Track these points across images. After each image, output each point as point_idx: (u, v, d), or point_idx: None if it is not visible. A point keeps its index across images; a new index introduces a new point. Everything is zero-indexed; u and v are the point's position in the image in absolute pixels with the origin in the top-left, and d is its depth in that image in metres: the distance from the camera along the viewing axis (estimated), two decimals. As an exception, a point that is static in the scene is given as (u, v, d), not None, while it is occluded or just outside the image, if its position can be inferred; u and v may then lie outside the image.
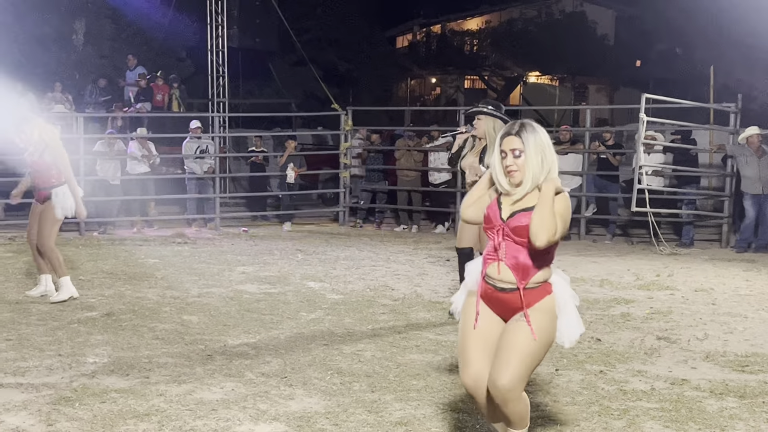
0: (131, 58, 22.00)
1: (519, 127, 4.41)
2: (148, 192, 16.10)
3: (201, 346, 7.20)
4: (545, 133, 4.46)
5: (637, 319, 8.60)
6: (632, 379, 6.42)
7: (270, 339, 7.56)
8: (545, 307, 4.40)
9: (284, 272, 11.22)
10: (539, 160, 4.37)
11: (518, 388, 4.35)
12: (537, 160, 4.37)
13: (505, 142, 4.41)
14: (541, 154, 4.37)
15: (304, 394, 5.92)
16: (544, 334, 4.40)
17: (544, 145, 4.40)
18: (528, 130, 4.41)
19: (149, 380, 6.17)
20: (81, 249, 12.98)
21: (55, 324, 7.93)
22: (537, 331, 4.35)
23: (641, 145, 13.85)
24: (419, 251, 13.37)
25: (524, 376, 4.38)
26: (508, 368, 4.32)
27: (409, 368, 6.61)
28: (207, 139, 17.05)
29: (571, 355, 7.05)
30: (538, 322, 4.37)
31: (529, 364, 4.37)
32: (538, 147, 4.38)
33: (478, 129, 8.05)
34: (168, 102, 21.02)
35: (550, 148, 4.43)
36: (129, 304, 8.95)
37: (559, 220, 4.31)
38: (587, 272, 11.46)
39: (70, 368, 6.46)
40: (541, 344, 4.38)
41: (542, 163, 4.37)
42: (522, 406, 4.42)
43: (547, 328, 4.41)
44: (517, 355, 4.34)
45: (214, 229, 15.94)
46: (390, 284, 10.44)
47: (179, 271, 11.10)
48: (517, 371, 4.32)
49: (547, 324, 4.40)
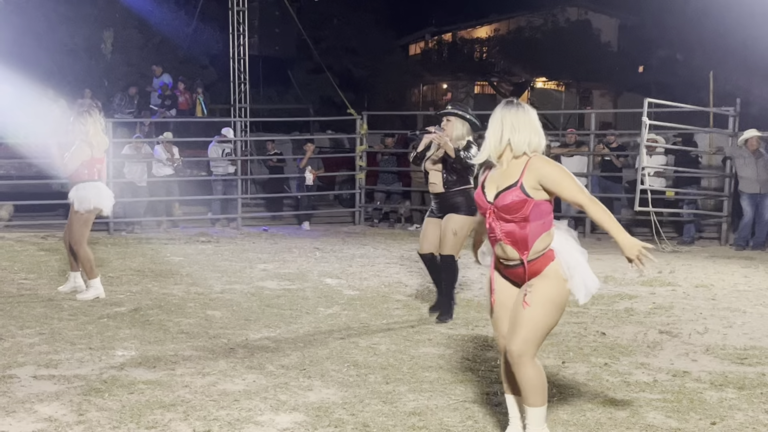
0: (156, 68, 22.03)
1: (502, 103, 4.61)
2: (174, 193, 16.14)
3: (224, 340, 7.21)
4: (523, 112, 4.52)
5: (641, 314, 8.57)
6: (636, 372, 6.39)
7: (289, 333, 7.57)
8: (550, 273, 4.48)
9: (303, 269, 11.22)
10: (496, 134, 4.49)
11: (528, 352, 4.44)
12: (492, 133, 4.51)
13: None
14: (500, 128, 4.49)
15: (322, 385, 5.92)
16: (552, 298, 4.46)
17: (504, 120, 4.49)
18: (502, 105, 4.59)
19: (175, 372, 6.18)
20: (110, 248, 13.02)
21: (86, 319, 7.96)
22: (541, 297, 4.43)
23: (644, 147, 13.81)
24: (431, 249, 13.36)
25: (533, 340, 4.45)
26: (517, 335, 4.45)
27: (422, 361, 6.61)
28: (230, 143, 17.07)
29: (577, 348, 7.03)
30: (544, 289, 4.45)
31: (537, 329, 4.44)
32: (497, 121, 4.51)
33: (448, 130, 7.83)
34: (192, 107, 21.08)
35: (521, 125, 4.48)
36: (155, 300, 8.97)
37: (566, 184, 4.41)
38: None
39: (99, 361, 6.48)
40: (548, 309, 4.45)
41: (501, 137, 4.48)
42: (533, 375, 4.46)
43: (553, 292, 4.46)
44: (524, 322, 4.44)
45: (236, 228, 15.96)
46: (403, 281, 10.44)
47: (203, 269, 11.13)
48: (524, 336, 4.43)
49: (553, 289, 4.46)
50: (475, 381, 6.06)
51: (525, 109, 4.54)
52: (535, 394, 4.47)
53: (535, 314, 4.42)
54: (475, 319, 8.19)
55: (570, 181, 4.43)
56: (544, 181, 4.41)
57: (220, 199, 16.61)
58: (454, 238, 7.85)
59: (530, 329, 4.42)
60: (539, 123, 4.56)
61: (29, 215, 16.02)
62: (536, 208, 4.44)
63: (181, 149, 16.45)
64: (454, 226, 7.84)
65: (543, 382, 4.48)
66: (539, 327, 4.44)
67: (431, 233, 8.03)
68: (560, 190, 4.43)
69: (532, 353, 4.45)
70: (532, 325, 4.42)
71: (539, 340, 4.47)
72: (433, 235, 8.02)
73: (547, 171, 4.42)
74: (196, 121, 20.04)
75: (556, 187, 4.42)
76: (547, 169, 4.42)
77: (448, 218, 7.88)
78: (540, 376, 4.47)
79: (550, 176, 4.41)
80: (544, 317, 4.44)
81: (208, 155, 16.75)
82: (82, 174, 8.97)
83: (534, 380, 4.45)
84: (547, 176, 4.41)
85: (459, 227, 7.85)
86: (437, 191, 7.95)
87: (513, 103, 4.58)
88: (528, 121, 4.49)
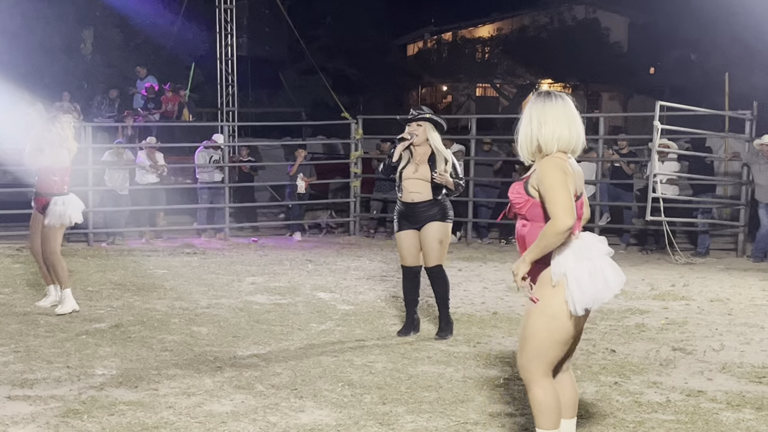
0: (140, 69, 22.05)
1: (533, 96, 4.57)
2: (158, 202, 16.13)
3: (210, 358, 7.21)
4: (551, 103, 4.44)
5: (652, 330, 8.57)
6: (647, 391, 6.39)
7: (280, 350, 7.56)
8: (543, 280, 4.39)
9: (294, 283, 11.22)
10: (525, 133, 4.45)
11: (530, 368, 4.40)
12: (522, 132, 4.47)
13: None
14: (528, 125, 4.45)
15: (315, 406, 5.92)
16: (542, 309, 4.36)
17: (532, 115, 4.45)
18: (533, 99, 4.53)
19: (158, 392, 6.17)
20: (89, 260, 13.01)
21: (63, 336, 7.95)
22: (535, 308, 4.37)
23: (655, 153, 13.83)
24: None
25: (534, 355, 4.39)
26: (520, 349, 4.46)
27: (420, 380, 6.61)
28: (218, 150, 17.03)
29: (585, 366, 7.03)
30: (540, 299, 4.38)
31: (536, 344, 4.38)
32: (526, 118, 4.47)
33: (420, 136, 7.89)
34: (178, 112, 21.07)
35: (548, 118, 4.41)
36: (138, 315, 8.96)
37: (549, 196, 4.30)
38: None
39: (78, 380, 6.47)
40: (542, 321, 4.36)
41: (530, 136, 4.43)
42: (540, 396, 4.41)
43: (545, 303, 4.37)
44: (524, 335, 4.43)
45: (223, 239, 15.96)
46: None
47: (188, 282, 11.12)
48: (525, 351, 4.42)
49: (544, 299, 4.37)
50: (477, 401, 6.05)
51: (555, 100, 4.43)
52: (542, 416, 4.45)
53: (532, 327, 4.40)
54: (477, 335, 8.19)
55: (555, 195, 4.27)
56: (539, 185, 4.36)
57: (207, 208, 16.59)
58: (440, 247, 7.89)
59: (531, 342, 4.40)
60: (575, 114, 4.44)
61: (3, 226, 15.99)
62: (534, 208, 4.42)
63: (165, 155, 16.45)
64: (439, 234, 7.87)
65: (551, 404, 4.43)
66: (538, 341, 4.38)
67: (412, 245, 8.00)
68: (544, 200, 4.33)
69: (538, 370, 4.40)
70: (530, 339, 4.40)
71: (543, 356, 4.40)
72: (415, 248, 8.02)
73: (542, 174, 4.34)
74: (181, 126, 20.04)
75: (543, 196, 4.34)
76: (541, 174, 4.35)
77: (429, 228, 7.88)
78: (548, 398, 4.42)
79: (543, 181, 4.33)
80: (539, 330, 4.37)
81: (195, 162, 16.74)
82: (60, 185, 9.00)
83: (541, 401, 4.42)
84: (541, 180, 4.34)
85: (444, 235, 7.92)
86: (418, 200, 7.91)
87: (543, 94, 4.49)
88: (557, 113, 4.40)
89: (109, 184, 15.65)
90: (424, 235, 7.91)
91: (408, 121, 8.02)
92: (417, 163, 7.95)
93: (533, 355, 4.39)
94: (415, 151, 7.98)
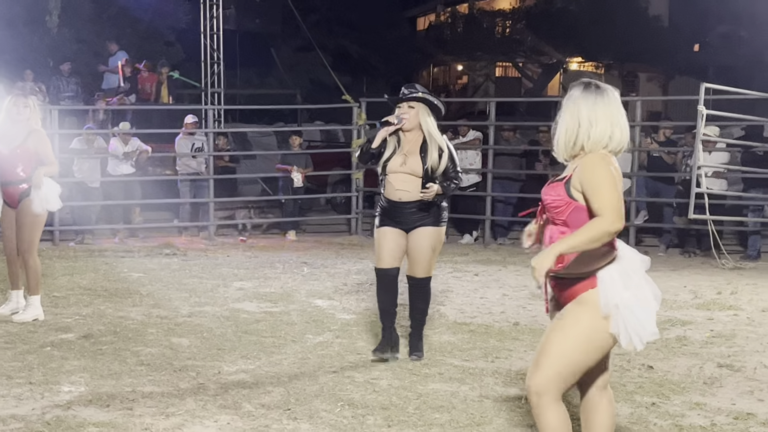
0: (111, 44, 22.02)
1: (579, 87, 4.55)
2: (133, 196, 16.13)
3: (192, 373, 7.21)
4: (603, 99, 4.46)
5: (695, 344, 8.56)
6: (689, 413, 6.39)
7: (271, 365, 7.57)
8: (588, 300, 4.41)
9: (288, 288, 11.23)
10: (571, 130, 4.45)
11: (550, 391, 4.39)
12: (565, 129, 4.47)
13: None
14: (575, 123, 4.44)
15: (311, 428, 5.92)
16: (585, 331, 4.39)
17: (581, 111, 4.44)
18: (579, 90, 4.52)
19: (133, 412, 6.18)
20: (55, 261, 13.02)
21: (25, 347, 7.96)
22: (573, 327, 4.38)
23: (700, 142, 13.80)
24: (443, 264, 13.34)
25: (558, 377, 4.40)
26: (540, 368, 4.43)
27: (431, 399, 6.61)
28: (201, 136, 17.01)
29: (619, 384, 7.02)
30: (578, 317, 4.39)
31: (563, 365, 4.39)
32: (572, 113, 4.46)
33: (411, 120, 7.46)
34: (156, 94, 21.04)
35: (597, 118, 4.43)
36: (110, 324, 8.97)
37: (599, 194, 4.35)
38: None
39: (42, 398, 6.48)
40: (579, 343, 4.39)
41: (576, 136, 4.43)
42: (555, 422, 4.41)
43: (588, 325, 4.39)
44: (549, 352, 4.41)
45: (207, 238, 15.97)
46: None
47: (167, 287, 11.13)
48: (547, 371, 4.40)
49: (588, 320, 4.39)
50: (495, 424, 6.06)
51: (607, 95, 4.48)
52: None
53: (564, 346, 4.39)
54: (495, 349, 8.19)
55: (605, 193, 4.33)
56: (583, 182, 4.38)
57: (189, 203, 16.59)
58: (432, 255, 7.59)
59: (555, 363, 4.39)
60: (623, 111, 4.51)
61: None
62: (577, 213, 4.42)
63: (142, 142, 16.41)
64: (432, 241, 7.53)
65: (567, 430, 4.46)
66: (567, 362, 4.39)
67: (394, 244, 7.59)
68: (590, 197, 4.37)
69: (556, 394, 4.41)
70: (558, 358, 4.39)
71: (566, 378, 4.42)
72: (398, 248, 7.62)
73: (589, 171, 4.37)
74: (159, 110, 20.02)
75: (588, 194, 4.38)
76: (588, 173, 4.37)
77: (420, 232, 7.50)
78: (564, 425, 4.45)
79: (591, 179, 4.37)
80: (574, 352, 4.40)
81: (176, 150, 16.74)
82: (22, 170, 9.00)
83: (556, 427, 4.43)
84: (588, 178, 4.37)
85: (438, 241, 7.60)
86: (407, 199, 7.47)
87: (592, 87, 4.50)
88: (609, 111, 4.45)
89: (78, 176, 15.64)
90: (414, 241, 7.54)
91: (397, 101, 7.59)
92: (406, 153, 7.50)
93: (556, 377, 4.39)
94: (404, 138, 7.55)
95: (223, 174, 17.19)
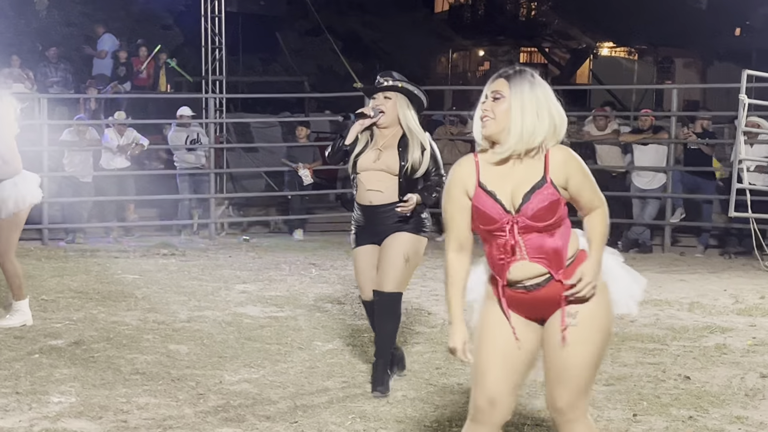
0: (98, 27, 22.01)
1: (512, 72, 4.44)
2: (128, 192, 16.15)
3: (191, 383, 7.23)
4: (547, 88, 4.46)
5: (736, 352, 8.54)
6: (730, 427, 6.38)
7: (276, 374, 7.57)
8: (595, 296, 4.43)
9: (294, 292, 11.24)
10: (529, 117, 4.35)
11: (579, 407, 4.40)
12: (526, 116, 4.35)
13: (490, 85, 4.45)
14: (535, 110, 4.36)
15: (319, 443, 5.93)
16: (600, 323, 4.41)
17: (540, 100, 4.38)
18: (521, 77, 4.41)
19: (127, 425, 6.19)
20: (44, 262, 13.06)
21: (11, 355, 7.98)
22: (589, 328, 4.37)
23: (741, 134, 13.75)
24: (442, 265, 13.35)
25: (585, 389, 4.43)
26: (566, 386, 4.41)
27: (449, 412, 6.61)
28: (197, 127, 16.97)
29: (653, 396, 7.02)
30: (590, 313, 4.38)
31: (590, 375, 4.42)
32: (531, 100, 4.37)
33: (388, 113, 7.04)
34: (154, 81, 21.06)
35: (551, 106, 4.43)
36: (102, 330, 8.99)
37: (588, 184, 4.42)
38: (673, 293, 11.39)
39: (29, 409, 6.49)
40: (600, 342, 4.40)
41: (534, 122, 4.35)
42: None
43: (601, 314, 4.42)
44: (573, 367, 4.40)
45: (208, 237, 15.99)
46: (426, 307, 10.44)
47: (165, 290, 11.15)
48: (576, 387, 4.40)
49: (600, 309, 4.41)
50: None
51: (540, 82, 4.47)
52: None
53: (587, 354, 4.38)
54: (519, 358, 8.17)
55: (593, 181, 4.44)
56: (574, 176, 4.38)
57: (188, 199, 16.60)
58: (405, 266, 7.03)
59: (581, 376, 4.38)
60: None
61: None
62: (563, 209, 4.43)
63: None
64: (406, 249, 7.00)
65: None
66: (592, 371, 4.42)
67: (372, 268, 7.15)
68: (583, 189, 4.39)
69: (586, 407, 4.42)
70: (584, 369, 4.39)
71: (591, 388, 4.46)
72: (370, 274, 7.18)
73: (575, 166, 4.39)
74: (156, 98, 20.04)
75: (579, 186, 4.38)
76: (575, 164, 4.40)
77: (394, 239, 7.02)
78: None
79: (578, 173, 4.38)
80: (597, 356, 4.42)
81: (169, 143, 16.74)
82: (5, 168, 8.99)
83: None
84: (575, 173, 4.38)
85: (414, 251, 7.05)
86: (380, 202, 7.03)
87: (527, 73, 4.44)
88: (549, 100, 4.43)
89: (69, 170, 15.69)
90: (385, 248, 7.04)
91: (372, 91, 7.20)
92: (380, 148, 7.08)
93: (585, 389, 4.42)
94: (380, 133, 7.11)
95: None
